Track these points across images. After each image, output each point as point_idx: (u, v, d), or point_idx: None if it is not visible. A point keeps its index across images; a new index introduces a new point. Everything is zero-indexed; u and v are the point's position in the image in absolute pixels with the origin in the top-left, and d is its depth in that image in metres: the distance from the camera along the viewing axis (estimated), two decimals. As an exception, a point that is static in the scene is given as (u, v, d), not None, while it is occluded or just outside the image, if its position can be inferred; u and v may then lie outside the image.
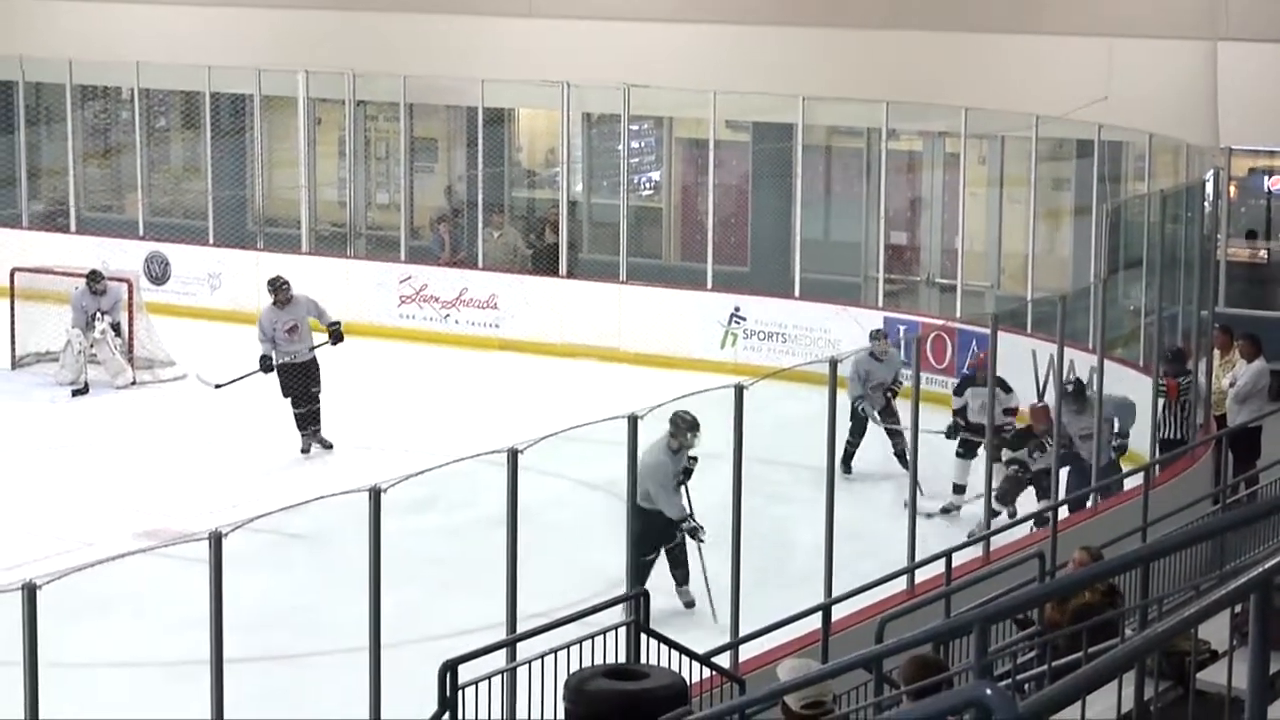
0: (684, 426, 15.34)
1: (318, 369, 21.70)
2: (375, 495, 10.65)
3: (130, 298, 25.43)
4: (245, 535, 10.28)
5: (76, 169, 31.17)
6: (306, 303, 21.99)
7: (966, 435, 19.03)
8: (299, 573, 14.62)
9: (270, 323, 21.69)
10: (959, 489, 19.03)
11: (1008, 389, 18.75)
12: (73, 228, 30.27)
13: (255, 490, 18.85)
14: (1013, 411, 18.98)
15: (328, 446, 21.39)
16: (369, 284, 28.34)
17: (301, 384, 21.42)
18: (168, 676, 13.33)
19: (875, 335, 20.73)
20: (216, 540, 10.03)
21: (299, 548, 13.54)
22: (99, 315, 24.55)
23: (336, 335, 21.89)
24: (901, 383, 19.83)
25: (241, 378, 21.53)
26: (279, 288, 21.83)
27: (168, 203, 31.62)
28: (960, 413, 19.37)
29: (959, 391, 19.66)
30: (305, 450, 21.23)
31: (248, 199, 30.79)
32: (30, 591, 9.10)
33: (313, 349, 21.68)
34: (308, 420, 21.41)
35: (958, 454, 19.10)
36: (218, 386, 21.59)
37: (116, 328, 24.78)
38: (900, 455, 19.10)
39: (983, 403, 17.74)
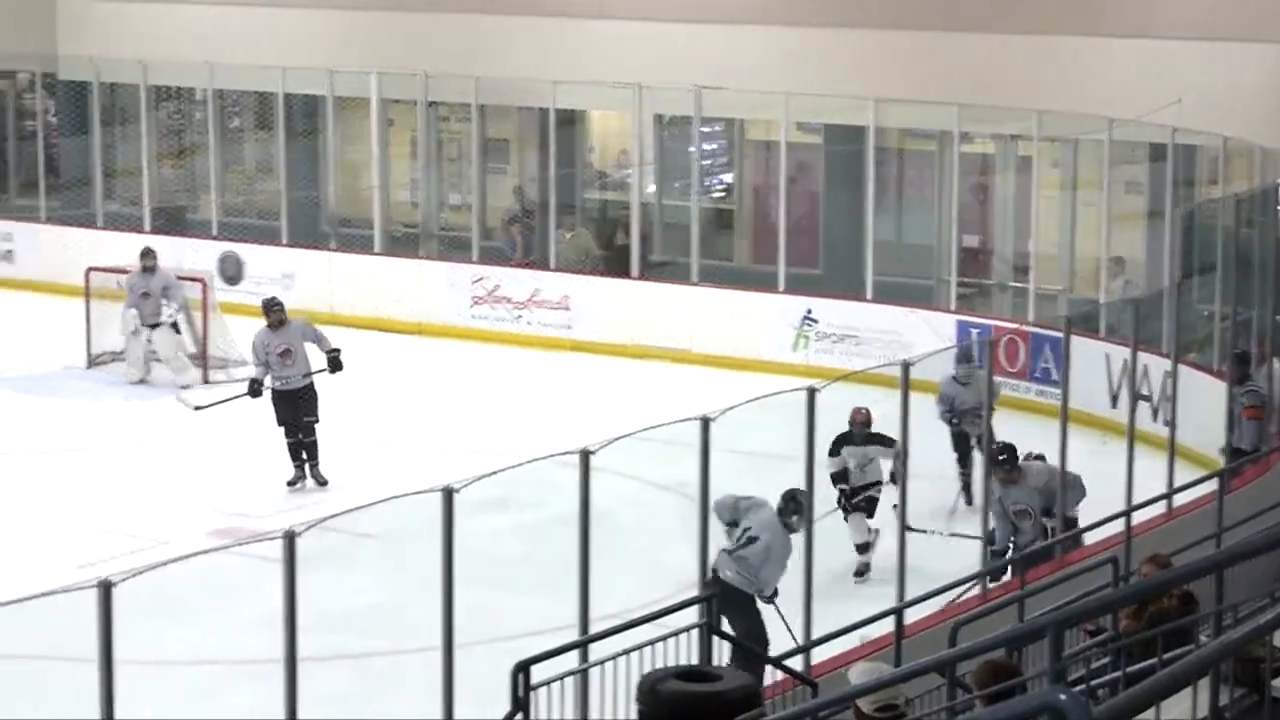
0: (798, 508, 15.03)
1: (313, 398, 20.46)
2: (448, 495, 10.67)
3: (204, 297, 25.57)
4: (318, 534, 10.31)
5: (150, 169, 31.33)
6: (302, 327, 20.95)
7: (845, 503, 17.61)
8: (371, 572, 14.67)
9: (262, 345, 20.63)
10: (861, 548, 17.55)
11: (888, 443, 16.79)
12: (146, 227, 30.37)
13: (327, 490, 18.92)
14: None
15: (322, 483, 20.14)
16: (441, 284, 28.40)
17: (292, 412, 20.28)
18: (241, 674, 13.40)
19: (960, 358, 19.63)
20: (290, 540, 10.07)
21: (371, 547, 13.58)
22: (147, 296, 24.67)
23: (335, 363, 20.75)
24: (993, 408, 19.01)
25: (225, 400, 20.80)
26: (271, 309, 20.78)
27: (241, 203, 31.74)
28: (840, 476, 17.54)
29: (834, 452, 17.41)
30: (292, 483, 20.11)
31: (320, 199, 30.89)
32: (105, 589, 9.14)
33: (308, 375, 20.51)
34: (299, 450, 20.27)
35: (846, 511, 17.67)
36: (198, 409, 20.66)
37: (176, 327, 24.92)
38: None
39: (858, 462, 17.22)
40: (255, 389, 20.48)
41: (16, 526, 18.68)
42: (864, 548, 17.48)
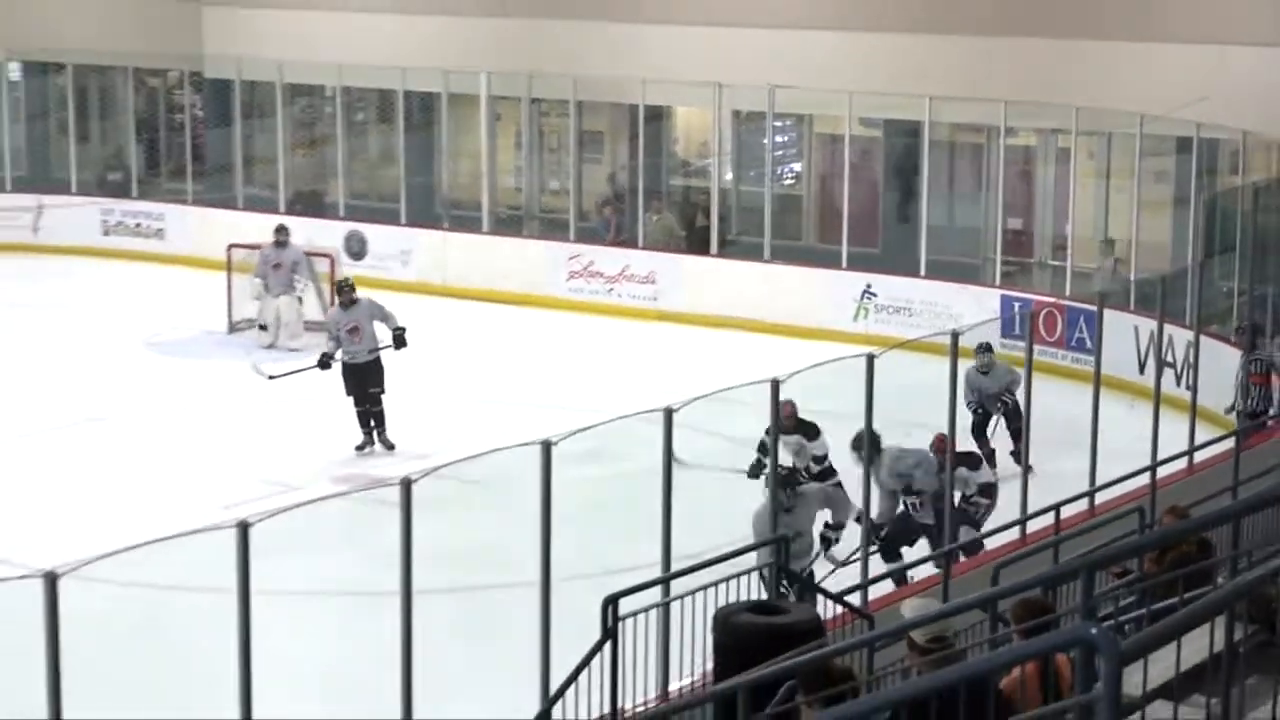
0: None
1: (378, 371, 20.07)
2: (546, 447, 10.69)
3: (332, 271, 25.69)
4: (432, 481, 10.34)
5: (285, 157, 31.49)
6: (370, 306, 20.59)
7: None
8: (479, 516, 14.71)
9: (334, 322, 20.49)
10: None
11: (814, 435, 16.18)
12: (281, 208, 30.49)
13: (442, 441, 18.96)
14: (822, 459, 16.21)
15: (389, 447, 19.89)
16: (541, 261, 28.47)
17: (359, 384, 20.00)
18: (363, 606, 13.44)
19: (979, 350, 18.84)
20: (406, 485, 10.11)
21: (480, 493, 13.61)
22: (278, 267, 24.78)
23: (400, 340, 20.35)
24: (1014, 394, 18.34)
25: (297, 371, 20.43)
26: (342, 289, 20.68)
27: (365, 187, 31.84)
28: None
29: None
30: (360, 448, 19.87)
31: (435, 184, 31.01)
32: (243, 529, 9.20)
33: (373, 351, 20.17)
34: (366, 419, 19.99)
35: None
36: (271, 377, 20.26)
37: (300, 298, 25.03)
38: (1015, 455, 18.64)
39: (792, 449, 15.92)
40: (324, 361, 20.15)
41: (166, 473, 18.82)
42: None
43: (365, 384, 19.89)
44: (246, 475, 18.65)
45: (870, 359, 13.33)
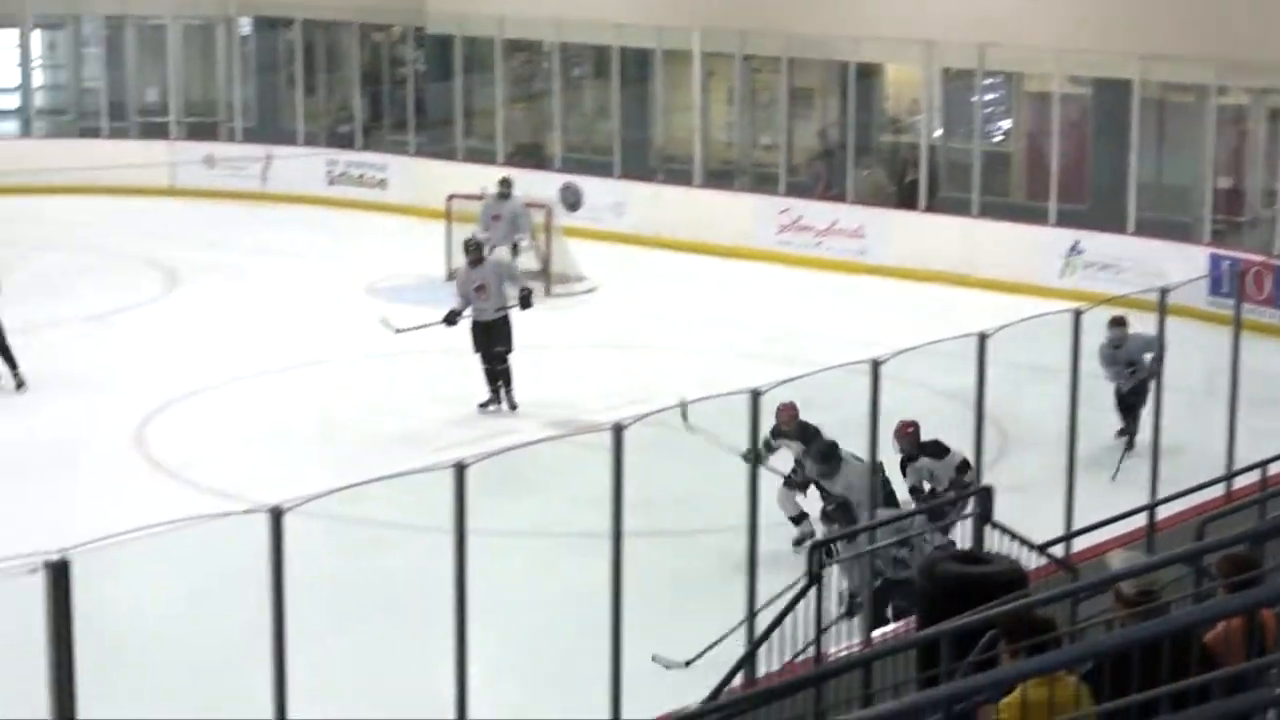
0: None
1: (504, 330, 19.53)
2: (755, 396, 10.68)
3: (548, 222, 25.83)
4: (641, 427, 10.36)
5: (503, 111, 31.71)
6: (498, 265, 20.32)
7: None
8: (688, 461, 14.71)
9: (463, 280, 20.03)
10: (796, 519, 14.89)
11: (812, 438, 14.76)
12: (499, 160, 30.71)
13: (653, 388, 18.99)
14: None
15: (513, 407, 19.33)
16: (752, 214, 28.43)
17: (484, 341, 19.57)
18: (573, 547, 13.53)
19: (1113, 323, 17.75)
20: (618, 431, 10.13)
21: (689, 440, 13.63)
22: (498, 219, 24.90)
23: (525, 301, 19.89)
24: (1144, 363, 17.41)
25: (423, 326, 19.92)
26: (469, 249, 20.18)
27: (580, 141, 31.93)
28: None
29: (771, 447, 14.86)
30: (484, 405, 19.34)
31: (649, 138, 31.04)
32: (460, 470, 9.26)
33: (500, 310, 19.68)
34: (493, 377, 19.47)
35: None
36: (398, 331, 19.86)
37: (515, 249, 25.15)
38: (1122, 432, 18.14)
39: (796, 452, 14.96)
40: (451, 318, 19.71)
41: (383, 415, 19.03)
42: (798, 518, 14.95)
43: (492, 342, 19.49)
44: (461, 418, 18.84)
45: (1077, 314, 13.16)
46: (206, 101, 35.34)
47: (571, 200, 29.37)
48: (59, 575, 7.44)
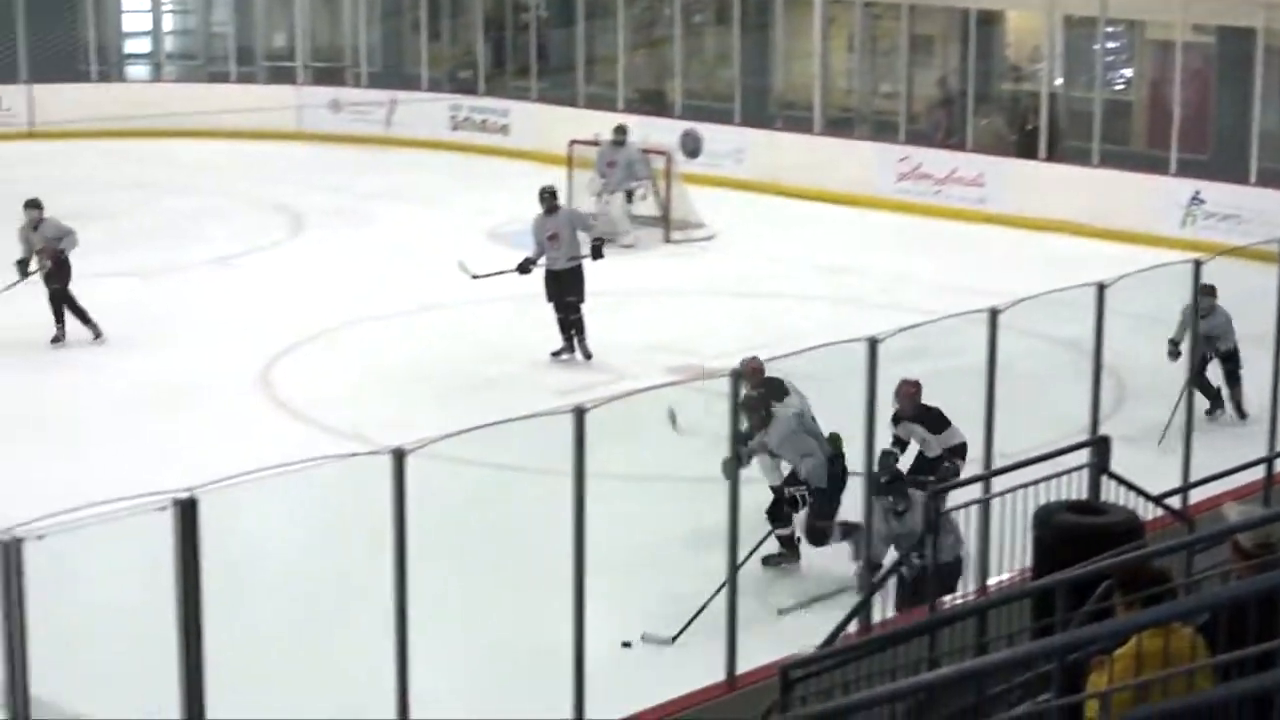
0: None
1: (576, 279, 19.24)
2: (872, 344, 10.64)
3: (668, 169, 25.81)
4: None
5: (625, 57, 31.69)
6: (571, 215, 19.98)
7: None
8: (810, 406, 14.67)
9: (538, 229, 19.63)
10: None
11: (782, 395, 13.77)
12: (620, 107, 30.72)
13: (771, 336, 18.94)
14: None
15: (587, 356, 19.13)
16: (871, 161, 28.30)
17: (555, 291, 19.33)
18: (689, 489, 13.53)
19: (1201, 291, 15.92)
20: (735, 377, 10.14)
21: (806, 386, 13.61)
22: (614, 165, 24.90)
23: (596, 251, 19.58)
24: (1222, 339, 17.12)
25: (499, 273, 19.74)
26: (543, 197, 19.71)
27: (701, 87, 31.87)
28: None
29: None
30: (557, 354, 19.16)
31: (769, 85, 30.95)
32: (579, 414, 9.29)
33: (573, 259, 19.27)
34: (566, 327, 19.23)
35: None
36: (475, 277, 19.59)
37: (629, 196, 25.15)
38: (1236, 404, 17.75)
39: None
40: (525, 266, 19.48)
41: (501, 359, 19.11)
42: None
43: (563, 292, 19.26)
44: (580, 363, 18.90)
45: (1197, 265, 13.03)
46: (333, 46, 35.54)
47: (691, 147, 29.34)
48: (187, 513, 7.54)
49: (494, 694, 11.43)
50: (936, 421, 13.83)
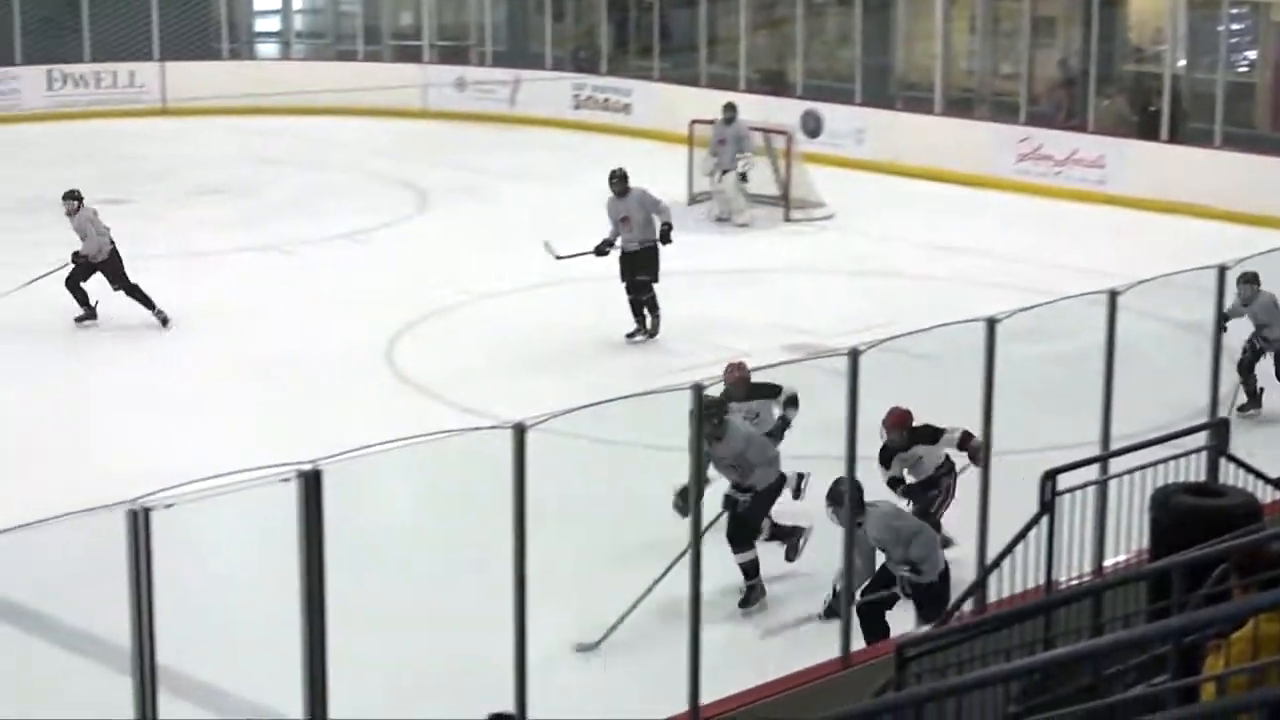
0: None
1: (648, 261, 19.16)
2: (991, 324, 10.56)
3: (788, 148, 25.75)
4: (877, 353, 10.30)
5: (746, 38, 31.63)
6: (643, 197, 19.55)
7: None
8: (923, 387, 14.61)
9: (611, 212, 19.49)
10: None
11: (775, 395, 13.73)
12: (741, 86, 30.68)
13: (890, 314, 18.85)
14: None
15: (652, 334, 19.12)
16: (991, 142, 28.11)
17: (628, 271, 19.22)
18: (810, 467, 13.48)
19: (1242, 280, 16.22)
20: (854, 356, 10.08)
21: (925, 366, 13.52)
22: (724, 143, 24.86)
23: (664, 235, 19.28)
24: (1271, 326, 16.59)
25: (580, 254, 19.46)
26: (612, 180, 19.49)
27: (822, 67, 31.76)
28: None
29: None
30: (630, 335, 19.10)
31: (890, 66, 30.81)
32: (698, 391, 9.30)
33: (644, 241, 19.16)
34: (638, 307, 19.17)
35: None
36: (558, 258, 19.40)
37: (745, 176, 25.08)
38: None
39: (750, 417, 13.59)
40: (602, 249, 19.35)
41: (620, 336, 19.13)
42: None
43: (635, 272, 19.20)
44: (698, 342, 18.87)
45: (1320, 248, 12.86)
46: (458, 25, 35.69)
47: (812, 127, 29.25)
48: (311, 485, 7.60)
49: (613, 661, 11.48)
50: (931, 434, 13.09)
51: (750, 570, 12.59)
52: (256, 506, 8.06)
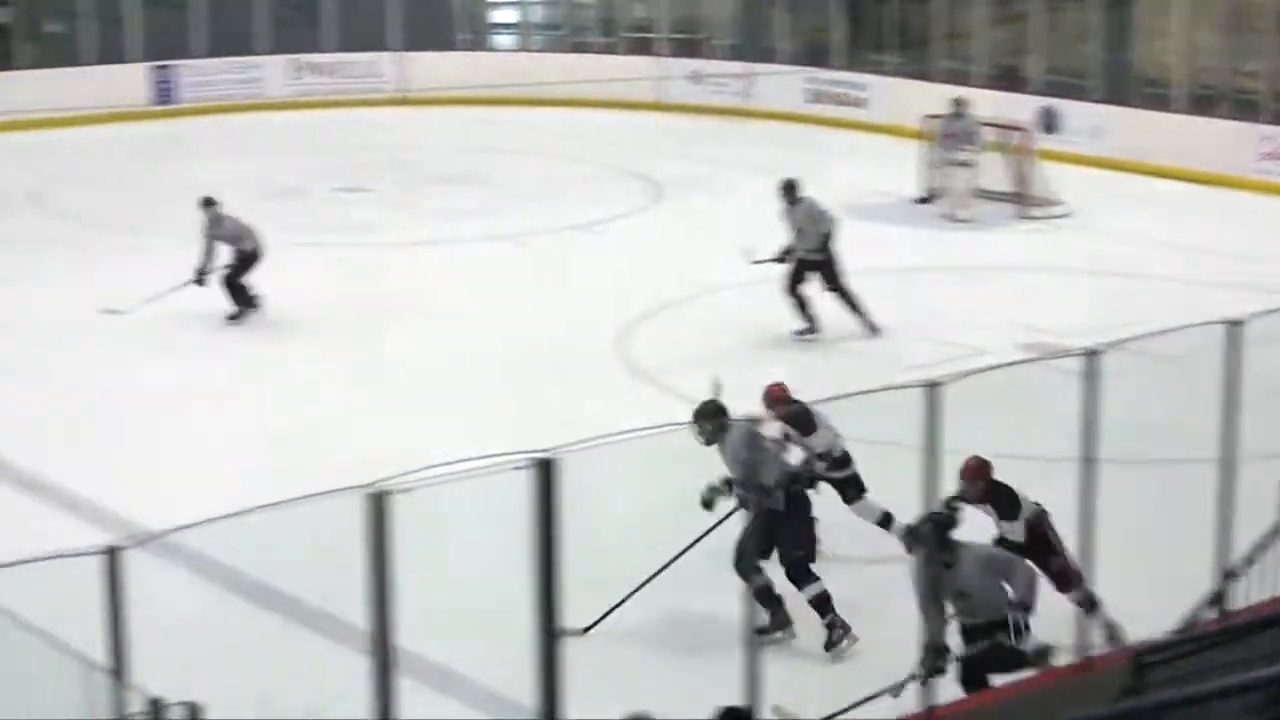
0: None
1: (823, 269, 18.98)
2: (1232, 328, 10.31)
3: (1025, 145, 25.45)
4: (1117, 354, 10.11)
5: (982, 33, 31.33)
6: (811, 208, 19.23)
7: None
8: (1165, 390, 14.37)
9: (788, 220, 19.25)
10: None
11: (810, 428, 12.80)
12: (977, 82, 30.37)
13: (1125, 315, 18.50)
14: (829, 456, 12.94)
15: (801, 332, 18.87)
16: (1232, 141, 27.54)
17: (801, 277, 18.91)
18: (1042, 470, 13.28)
19: None
20: (1092, 356, 9.91)
21: (1167, 368, 13.26)
22: (952, 138, 24.63)
23: (750, 255, 18.95)
24: None
25: (769, 260, 19.06)
26: (786, 191, 19.33)
27: (1059, 63, 31.33)
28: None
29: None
30: (799, 333, 18.86)
31: (1129, 61, 30.32)
32: (931, 389, 9.17)
33: (811, 251, 18.95)
34: (848, 303, 18.98)
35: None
36: (753, 262, 19.02)
37: (966, 166, 24.81)
38: None
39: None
40: (782, 256, 19.11)
41: (853, 332, 18.98)
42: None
43: (821, 277, 19.00)
44: (933, 337, 18.68)
45: None
46: (692, 18, 35.73)
47: (1048, 123, 28.87)
48: (546, 472, 7.60)
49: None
50: (1009, 506, 11.69)
51: (821, 607, 11.63)
52: (492, 493, 8.10)
